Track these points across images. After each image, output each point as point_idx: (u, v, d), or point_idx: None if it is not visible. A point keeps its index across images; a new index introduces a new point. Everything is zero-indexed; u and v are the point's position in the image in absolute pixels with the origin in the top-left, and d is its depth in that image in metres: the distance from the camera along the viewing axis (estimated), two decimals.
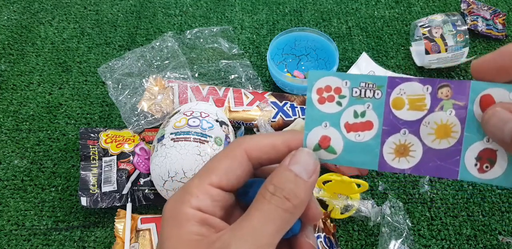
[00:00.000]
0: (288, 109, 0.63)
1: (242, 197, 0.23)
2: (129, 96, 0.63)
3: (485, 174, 0.19)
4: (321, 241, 0.49)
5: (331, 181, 0.54)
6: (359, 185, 0.53)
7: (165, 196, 0.51)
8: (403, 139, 0.20)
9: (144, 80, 0.64)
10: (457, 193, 0.58)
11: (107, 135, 0.59)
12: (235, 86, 0.67)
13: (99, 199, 0.53)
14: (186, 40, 0.72)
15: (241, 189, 0.22)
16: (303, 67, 0.71)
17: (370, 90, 0.20)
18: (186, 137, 0.50)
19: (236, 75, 0.68)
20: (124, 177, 0.54)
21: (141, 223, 0.51)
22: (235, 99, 0.62)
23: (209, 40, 0.72)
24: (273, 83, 0.69)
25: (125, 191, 0.54)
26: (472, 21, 0.77)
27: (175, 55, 0.68)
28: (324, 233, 0.50)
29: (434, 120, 0.20)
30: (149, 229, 0.50)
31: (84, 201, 0.53)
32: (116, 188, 0.54)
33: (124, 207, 0.53)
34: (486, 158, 0.19)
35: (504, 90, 0.19)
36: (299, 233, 0.23)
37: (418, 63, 0.73)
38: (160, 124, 0.59)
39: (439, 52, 0.68)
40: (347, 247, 0.53)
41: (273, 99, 0.64)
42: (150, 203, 0.54)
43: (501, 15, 0.80)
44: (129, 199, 0.53)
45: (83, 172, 0.55)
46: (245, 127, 0.62)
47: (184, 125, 0.51)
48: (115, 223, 0.51)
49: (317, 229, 0.50)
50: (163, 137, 0.51)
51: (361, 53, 0.71)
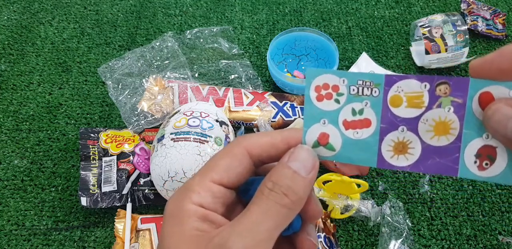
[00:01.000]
0: (288, 109, 0.63)
1: (243, 195, 0.23)
2: (129, 96, 0.63)
3: (485, 172, 0.19)
4: (321, 241, 0.49)
5: (331, 181, 0.54)
6: (359, 185, 0.53)
7: (165, 196, 0.51)
8: (401, 137, 0.20)
9: (144, 80, 0.64)
10: (457, 193, 0.58)
11: (107, 135, 0.59)
12: (235, 86, 0.67)
13: (99, 199, 0.53)
14: (186, 40, 0.72)
15: (243, 186, 0.23)
16: (303, 67, 0.71)
17: (368, 88, 0.20)
18: (186, 137, 0.50)
19: (236, 75, 0.68)
20: (124, 177, 0.55)
21: (141, 223, 0.51)
22: (235, 99, 0.62)
23: (209, 40, 0.72)
24: (273, 83, 0.69)
25: (125, 191, 0.54)
26: (472, 21, 0.77)
27: (175, 55, 0.68)
28: (324, 233, 0.50)
29: (432, 117, 0.20)
30: (149, 229, 0.50)
31: (84, 201, 0.53)
32: (116, 188, 0.54)
33: (124, 207, 0.53)
34: (486, 155, 0.19)
35: (504, 88, 0.19)
36: (300, 231, 0.23)
37: (418, 63, 0.73)
38: (160, 124, 0.59)
39: (439, 52, 0.68)
40: (347, 247, 0.53)
41: (273, 99, 0.64)
42: (150, 203, 0.54)
43: (501, 15, 0.80)
44: (129, 199, 0.53)
45: (83, 172, 0.55)
46: (245, 127, 0.62)
47: (184, 125, 0.51)
48: (115, 223, 0.51)
49: (317, 229, 0.50)
50: (163, 137, 0.51)
51: (361, 53, 0.71)
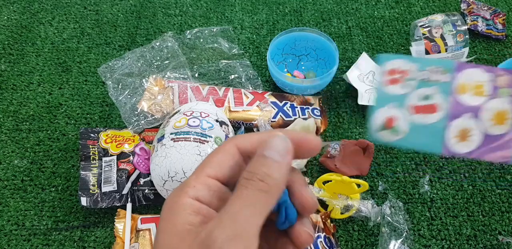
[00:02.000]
0: (288, 109, 0.63)
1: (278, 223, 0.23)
2: (129, 96, 0.63)
3: None
4: (321, 241, 0.49)
5: (331, 181, 0.54)
6: (359, 185, 0.53)
7: (165, 196, 0.51)
8: (465, 123, 0.21)
9: (144, 80, 0.64)
10: (457, 193, 0.58)
11: (107, 135, 0.59)
12: (235, 86, 0.67)
13: (99, 199, 0.53)
14: (186, 40, 0.72)
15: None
16: (303, 67, 0.71)
17: (437, 74, 0.21)
18: (186, 137, 0.50)
19: (236, 75, 0.68)
20: (124, 177, 0.55)
21: (141, 223, 0.51)
22: (235, 99, 0.62)
23: (209, 40, 0.72)
24: (273, 83, 0.69)
25: (125, 191, 0.54)
26: (472, 21, 0.77)
27: (175, 55, 0.68)
28: (324, 233, 0.50)
29: (493, 106, 0.21)
30: (149, 229, 0.50)
31: (84, 201, 0.53)
32: (116, 188, 0.54)
33: (124, 207, 0.53)
34: None
35: None
36: (296, 223, 0.23)
37: None
38: (160, 124, 0.59)
39: (439, 52, 0.68)
40: (347, 247, 0.53)
41: (273, 99, 0.64)
42: (150, 203, 0.54)
43: (501, 15, 0.80)
44: (129, 199, 0.53)
45: (83, 172, 0.55)
46: (245, 127, 0.62)
47: (184, 125, 0.51)
48: (115, 223, 0.51)
49: (317, 229, 0.50)
50: (163, 137, 0.51)
51: (361, 53, 0.71)
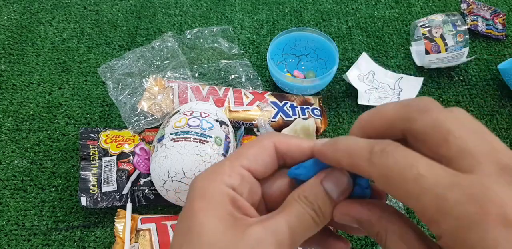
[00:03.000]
0: (288, 109, 0.63)
1: (292, 171, 0.23)
2: (129, 96, 0.63)
3: None
4: None
5: None
6: None
7: (165, 196, 0.51)
8: None
9: (144, 80, 0.64)
10: None
11: (107, 135, 0.59)
12: (235, 86, 0.67)
13: (99, 199, 0.53)
14: (186, 40, 0.72)
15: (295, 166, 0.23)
16: (303, 67, 0.71)
17: None
18: (186, 137, 0.50)
19: (236, 75, 0.68)
20: (124, 177, 0.55)
21: (141, 223, 0.51)
22: (235, 99, 0.62)
23: (209, 40, 0.72)
24: (273, 83, 0.69)
25: (125, 191, 0.54)
26: (472, 21, 0.77)
27: (175, 55, 0.68)
28: None
29: None
30: (149, 229, 0.50)
31: (84, 201, 0.53)
32: (116, 188, 0.54)
33: (124, 207, 0.53)
34: None
35: None
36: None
37: (418, 63, 0.73)
38: (160, 124, 0.59)
39: (439, 52, 0.68)
40: None
41: (273, 99, 0.64)
42: (150, 203, 0.54)
43: (501, 15, 0.80)
44: (129, 199, 0.53)
45: (83, 172, 0.55)
46: (245, 127, 0.62)
47: (184, 125, 0.51)
48: (115, 223, 0.51)
49: None
50: (163, 137, 0.51)
51: (361, 53, 0.71)
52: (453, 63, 0.69)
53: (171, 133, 0.51)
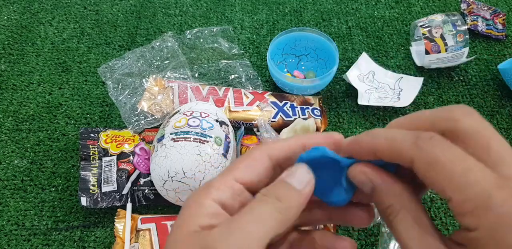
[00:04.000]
0: (288, 109, 0.63)
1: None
2: (129, 96, 0.63)
3: None
4: None
5: None
6: None
7: (165, 196, 0.51)
8: None
9: (144, 80, 0.64)
10: None
11: (107, 135, 0.59)
12: (235, 86, 0.67)
13: (99, 199, 0.53)
14: (186, 40, 0.72)
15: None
16: (303, 67, 0.71)
17: None
18: (186, 137, 0.50)
19: (236, 75, 0.68)
20: (124, 177, 0.55)
21: (141, 223, 0.51)
22: (235, 99, 0.62)
23: (209, 40, 0.72)
24: (273, 83, 0.69)
25: (125, 191, 0.54)
26: (472, 21, 0.77)
27: (175, 55, 0.68)
28: None
29: None
30: (149, 229, 0.50)
31: (84, 201, 0.53)
32: (116, 188, 0.54)
33: (124, 207, 0.53)
34: None
35: None
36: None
37: (418, 63, 0.73)
38: (160, 124, 0.59)
39: (439, 52, 0.68)
40: None
41: (273, 99, 0.64)
42: (150, 203, 0.54)
43: (501, 15, 0.80)
44: (129, 199, 0.53)
45: (83, 172, 0.55)
46: (245, 127, 0.62)
47: (184, 125, 0.51)
48: (115, 223, 0.51)
49: (317, 229, 0.50)
50: (163, 137, 0.51)
51: (361, 53, 0.71)
52: (453, 63, 0.69)
53: (171, 133, 0.51)
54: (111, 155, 0.57)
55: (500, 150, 0.18)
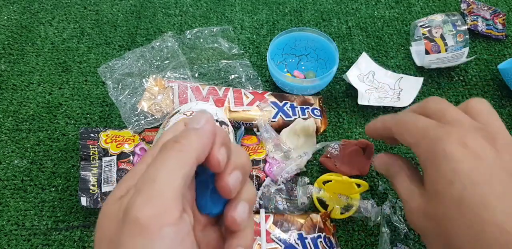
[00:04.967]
0: (288, 109, 0.63)
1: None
2: (129, 96, 0.63)
3: None
4: (321, 241, 0.49)
5: (331, 181, 0.54)
6: (359, 185, 0.53)
7: None
8: None
9: (144, 80, 0.64)
10: None
11: (107, 135, 0.59)
12: (235, 86, 0.67)
13: (99, 199, 0.53)
14: (186, 40, 0.72)
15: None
16: (303, 67, 0.71)
17: None
18: None
19: (236, 75, 0.68)
20: None
21: None
22: (235, 99, 0.62)
23: (209, 40, 0.72)
24: (273, 83, 0.69)
25: None
26: (472, 21, 0.77)
27: (175, 55, 0.68)
28: (324, 233, 0.50)
29: None
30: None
31: (84, 201, 0.53)
32: None
33: None
34: None
35: None
36: (224, 211, 0.24)
37: (418, 63, 0.73)
38: (160, 124, 0.59)
39: (439, 52, 0.68)
40: (347, 247, 0.53)
41: (273, 99, 0.64)
42: None
43: (501, 15, 0.80)
44: None
45: (83, 172, 0.55)
46: (245, 127, 0.62)
47: None
48: None
49: (316, 230, 0.50)
50: None
51: (361, 53, 0.71)
52: (453, 63, 0.69)
53: None
54: (111, 155, 0.57)
55: (447, 112, 0.31)
